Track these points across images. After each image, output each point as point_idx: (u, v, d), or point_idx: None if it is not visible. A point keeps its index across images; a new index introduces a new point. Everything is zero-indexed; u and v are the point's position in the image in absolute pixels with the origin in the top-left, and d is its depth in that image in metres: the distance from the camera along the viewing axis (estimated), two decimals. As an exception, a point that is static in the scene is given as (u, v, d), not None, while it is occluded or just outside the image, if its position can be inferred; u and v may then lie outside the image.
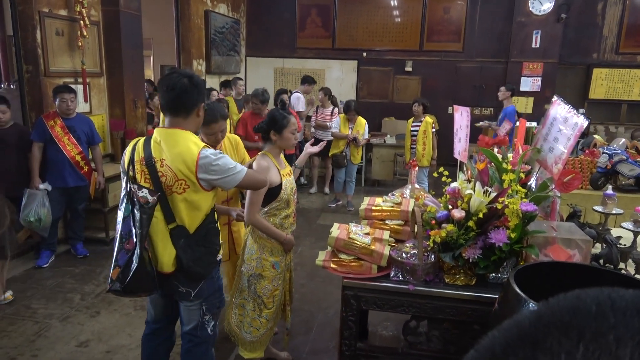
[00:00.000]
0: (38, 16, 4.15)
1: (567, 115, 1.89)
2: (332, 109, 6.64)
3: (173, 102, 2.06)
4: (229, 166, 2.07)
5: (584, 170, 4.06)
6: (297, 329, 3.29)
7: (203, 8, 7.23)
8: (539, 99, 8.03)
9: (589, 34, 8.05)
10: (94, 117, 4.74)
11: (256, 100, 4.95)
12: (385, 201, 2.58)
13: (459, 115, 2.56)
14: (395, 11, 8.49)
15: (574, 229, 2.12)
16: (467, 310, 2.05)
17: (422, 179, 5.65)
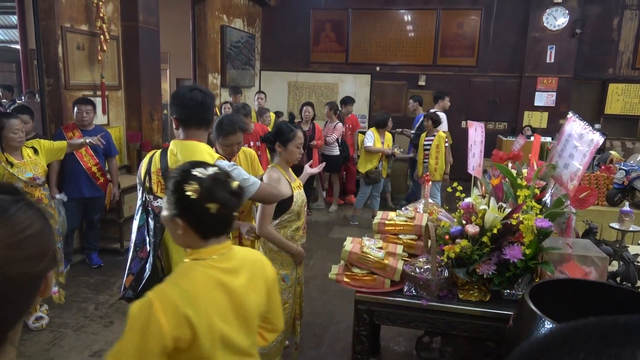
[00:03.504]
0: (60, 31, 4.26)
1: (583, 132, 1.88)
2: (335, 123, 6.54)
3: (198, 116, 2.13)
4: (243, 177, 2.10)
5: (600, 187, 4.01)
6: (308, 343, 3.28)
7: (219, 23, 7.36)
8: (553, 114, 7.99)
9: (605, 49, 8.01)
10: (112, 129, 4.83)
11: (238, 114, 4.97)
12: (398, 215, 2.58)
13: (473, 131, 2.57)
14: (408, 26, 8.55)
15: (589, 246, 2.10)
16: (481, 326, 2.03)
17: (434, 194, 5.63)
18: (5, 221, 0.62)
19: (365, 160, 5.90)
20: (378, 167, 5.89)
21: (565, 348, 0.34)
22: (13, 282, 0.62)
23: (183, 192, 1.23)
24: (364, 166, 5.91)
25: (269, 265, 1.49)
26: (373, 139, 5.83)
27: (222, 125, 2.75)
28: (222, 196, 1.25)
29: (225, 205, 1.25)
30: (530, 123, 7.92)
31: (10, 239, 0.61)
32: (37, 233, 0.65)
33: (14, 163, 3.19)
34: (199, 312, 1.21)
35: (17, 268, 0.62)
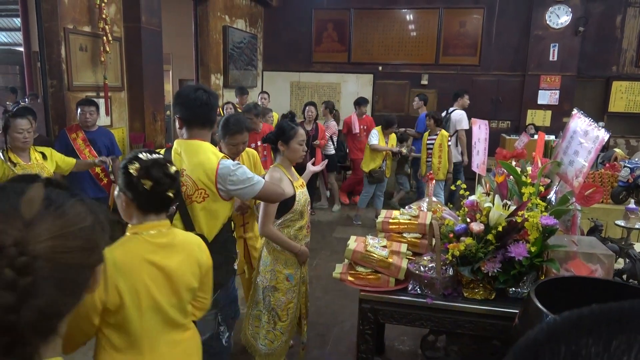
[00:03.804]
0: (63, 32, 4.27)
1: (588, 129, 1.87)
2: (329, 122, 6.52)
3: (203, 116, 2.13)
4: (247, 176, 2.10)
5: (605, 184, 3.99)
6: (312, 343, 3.27)
7: (221, 24, 7.37)
8: (556, 112, 7.96)
9: (608, 47, 7.98)
10: (115, 130, 4.83)
11: (249, 115, 4.98)
12: (402, 214, 2.57)
13: (477, 129, 2.56)
14: (410, 25, 8.53)
15: (595, 243, 2.09)
16: (486, 325, 2.03)
17: (438, 192, 5.62)
18: (61, 213, 0.67)
19: (369, 159, 5.89)
20: (382, 166, 5.88)
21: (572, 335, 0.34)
22: (67, 271, 0.66)
23: (127, 170, 1.46)
24: (368, 165, 5.89)
25: (206, 253, 1.64)
26: (377, 138, 5.82)
27: (229, 124, 2.76)
28: (156, 175, 1.46)
29: (158, 183, 1.46)
30: (533, 121, 7.89)
31: (65, 229, 0.66)
32: (88, 227, 0.70)
33: (18, 163, 3.18)
34: (127, 280, 1.38)
35: (71, 258, 0.66)
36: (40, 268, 0.62)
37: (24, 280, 0.61)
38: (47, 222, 0.64)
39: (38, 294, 0.62)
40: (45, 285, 0.63)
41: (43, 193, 0.67)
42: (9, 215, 0.63)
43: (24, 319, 0.61)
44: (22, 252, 0.61)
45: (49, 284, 0.63)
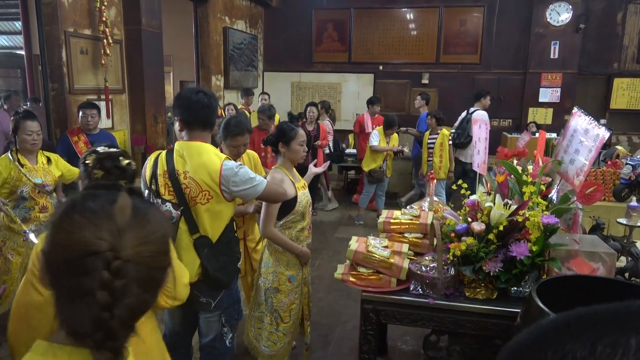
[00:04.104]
0: (64, 36, 4.28)
1: (588, 127, 1.87)
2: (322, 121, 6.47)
3: (204, 118, 2.14)
4: (250, 176, 2.10)
5: (607, 182, 3.98)
6: (315, 343, 3.27)
7: (222, 25, 7.37)
8: (558, 110, 7.94)
9: (609, 44, 7.95)
10: (116, 133, 4.84)
11: (263, 116, 5.01)
12: (403, 214, 2.57)
13: (478, 128, 2.56)
14: (411, 24, 8.53)
15: (597, 242, 2.08)
16: (489, 324, 2.02)
17: (439, 192, 5.61)
18: (147, 221, 0.74)
19: (369, 159, 5.89)
20: (382, 166, 5.87)
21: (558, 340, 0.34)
22: (150, 273, 0.73)
23: (85, 161, 1.67)
24: (368, 165, 5.89)
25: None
26: (378, 138, 5.82)
27: (230, 126, 2.76)
28: (108, 166, 1.63)
29: (109, 174, 1.63)
30: (535, 119, 7.87)
31: (150, 236, 0.73)
32: (167, 232, 0.78)
33: (25, 165, 3.19)
34: None
35: (154, 261, 0.74)
36: (130, 271, 0.69)
37: (118, 282, 0.68)
38: (136, 230, 0.72)
39: (128, 294, 0.70)
40: (134, 285, 0.70)
41: (130, 202, 0.74)
42: (104, 223, 0.70)
43: (116, 316, 0.68)
44: (117, 256, 0.68)
45: (136, 285, 0.71)
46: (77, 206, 0.72)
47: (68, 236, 0.70)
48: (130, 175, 1.69)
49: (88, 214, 0.71)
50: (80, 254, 0.68)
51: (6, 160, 3.14)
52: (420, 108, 6.98)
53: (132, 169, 1.71)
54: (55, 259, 0.71)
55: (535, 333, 0.36)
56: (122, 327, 0.70)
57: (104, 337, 0.68)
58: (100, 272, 0.68)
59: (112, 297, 0.68)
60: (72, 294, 0.70)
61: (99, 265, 0.68)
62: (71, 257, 0.69)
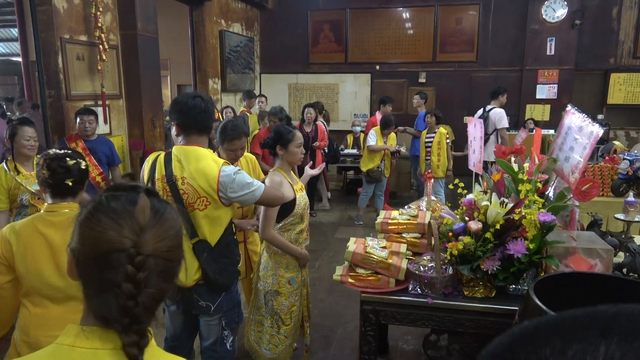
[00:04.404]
0: (60, 42, 4.29)
1: (582, 124, 1.87)
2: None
3: (201, 123, 2.13)
4: (247, 182, 2.10)
5: (605, 177, 3.99)
6: (316, 345, 3.28)
7: (218, 28, 7.38)
8: (555, 106, 7.95)
9: (605, 39, 7.97)
10: (114, 138, 4.85)
11: (274, 118, 4.97)
12: (401, 214, 2.58)
13: (472, 127, 2.56)
14: (407, 23, 8.54)
15: (594, 238, 2.09)
16: (488, 322, 2.03)
17: (438, 190, 5.62)
18: (164, 220, 0.83)
19: (367, 159, 5.90)
20: (380, 166, 5.88)
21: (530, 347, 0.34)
22: (167, 265, 0.82)
23: (38, 161, 1.86)
24: (366, 165, 5.90)
25: None
26: (375, 138, 5.82)
27: (227, 130, 2.76)
28: (53, 166, 1.79)
29: (54, 173, 1.79)
30: (532, 116, 7.88)
31: (167, 233, 0.82)
32: (180, 229, 0.87)
33: (21, 172, 3.19)
34: (18, 242, 1.72)
35: (170, 255, 0.83)
36: (151, 264, 0.79)
37: (141, 274, 0.77)
38: (155, 228, 0.81)
39: (150, 284, 0.79)
40: (154, 277, 0.79)
41: (149, 203, 0.82)
42: (127, 223, 0.79)
43: (140, 304, 0.78)
44: (139, 252, 0.78)
45: (157, 277, 0.80)
46: (102, 207, 0.81)
47: (95, 234, 0.79)
48: (76, 174, 1.84)
49: (112, 214, 0.80)
50: (107, 251, 0.77)
51: (1, 171, 3.12)
52: (419, 107, 6.98)
53: (80, 168, 1.86)
54: (84, 255, 0.80)
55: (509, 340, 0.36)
56: (145, 313, 0.79)
57: (130, 322, 0.78)
58: (125, 266, 0.77)
59: (136, 287, 0.77)
60: (100, 286, 0.79)
61: (124, 260, 0.77)
62: (99, 254, 0.78)
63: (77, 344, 0.79)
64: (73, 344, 0.80)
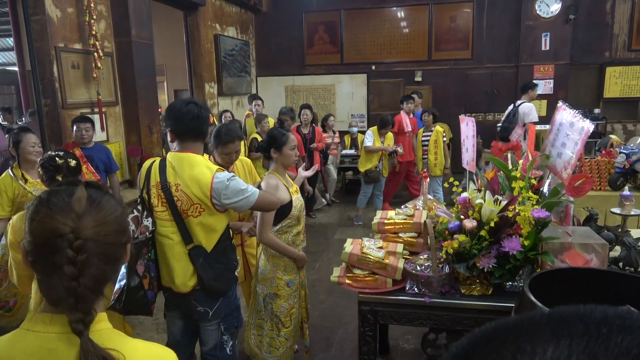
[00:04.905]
0: (54, 51, 4.30)
1: (573, 120, 1.88)
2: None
3: (195, 129, 2.13)
4: (241, 188, 2.10)
5: (602, 171, 3.99)
6: (317, 346, 3.28)
7: (212, 32, 7.39)
8: (552, 102, 7.95)
9: (600, 33, 7.98)
10: (111, 145, 4.86)
11: (286, 117, 4.91)
12: (397, 214, 2.58)
13: (465, 126, 2.57)
14: (401, 23, 8.55)
15: (589, 233, 2.09)
16: (486, 320, 2.02)
17: (436, 189, 5.63)
18: (101, 207, 0.91)
19: (364, 159, 5.90)
20: (378, 166, 5.88)
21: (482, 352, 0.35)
22: (108, 248, 0.91)
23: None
24: (364, 165, 5.90)
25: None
26: (372, 139, 5.82)
27: (221, 134, 2.77)
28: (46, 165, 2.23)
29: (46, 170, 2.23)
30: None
31: (104, 218, 0.91)
32: (120, 215, 0.95)
33: (28, 180, 3.19)
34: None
35: (110, 238, 0.91)
36: (90, 248, 0.87)
37: (80, 257, 0.85)
38: (92, 214, 0.89)
39: (91, 266, 0.87)
40: (95, 259, 0.88)
41: (86, 193, 0.91)
42: (65, 211, 0.87)
43: (82, 284, 0.86)
44: (77, 237, 0.86)
45: (97, 259, 0.88)
46: (44, 201, 0.90)
47: (38, 225, 0.87)
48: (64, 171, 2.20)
49: (52, 206, 0.88)
50: (49, 237, 0.86)
51: (8, 178, 3.14)
52: (416, 107, 6.97)
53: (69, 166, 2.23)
54: (32, 244, 0.88)
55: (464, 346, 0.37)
56: (88, 293, 0.87)
57: (75, 301, 0.86)
58: (66, 250, 0.85)
59: (76, 269, 0.85)
60: (46, 270, 0.88)
61: (65, 245, 0.85)
62: (42, 241, 0.87)
63: (30, 327, 0.89)
64: (28, 327, 0.89)
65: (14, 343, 0.89)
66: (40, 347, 0.87)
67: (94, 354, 0.85)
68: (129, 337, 0.97)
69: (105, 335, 0.92)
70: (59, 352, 0.87)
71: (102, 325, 0.93)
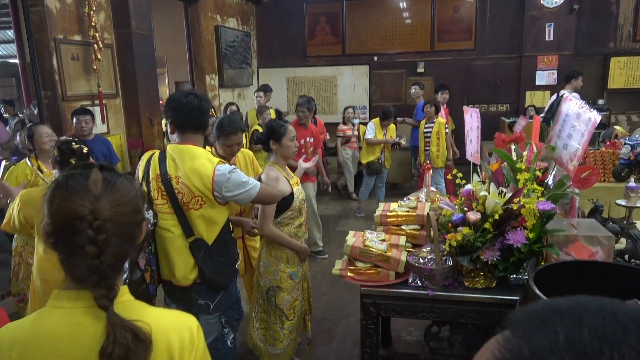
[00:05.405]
0: (54, 43, 4.26)
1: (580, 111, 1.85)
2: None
3: (195, 120, 2.11)
4: (243, 181, 2.08)
5: (606, 163, 3.96)
6: (319, 339, 3.28)
7: (213, 24, 7.33)
8: (555, 93, 7.89)
9: (604, 23, 7.89)
10: (112, 138, 4.84)
11: (302, 108, 4.81)
12: (400, 206, 2.56)
13: (469, 117, 2.54)
14: (404, 13, 8.47)
15: (595, 226, 2.07)
16: (489, 313, 2.02)
17: (438, 181, 5.60)
18: (116, 189, 0.95)
19: (366, 151, 5.87)
20: (380, 158, 5.85)
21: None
22: (125, 228, 0.95)
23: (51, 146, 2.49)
24: (366, 157, 5.88)
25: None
26: (374, 130, 5.79)
27: (223, 126, 2.74)
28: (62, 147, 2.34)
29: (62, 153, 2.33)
30: (532, 103, 7.83)
31: (120, 199, 0.94)
32: (135, 196, 0.99)
33: (43, 170, 3.24)
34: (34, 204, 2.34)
35: (127, 218, 0.95)
36: (109, 227, 0.91)
37: (100, 236, 0.90)
38: (108, 196, 0.93)
39: (111, 245, 0.91)
40: (114, 238, 0.92)
41: (101, 176, 0.94)
42: (83, 194, 0.91)
43: (104, 262, 0.90)
44: (96, 217, 0.90)
45: (116, 238, 0.92)
46: (61, 184, 0.93)
47: (57, 208, 0.91)
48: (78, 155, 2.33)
49: (69, 189, 0.92)
50: (69, 219, 0.90)
51: (24, 165, 3.25)
52: (417, 98, 6.93)
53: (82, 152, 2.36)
54: (52, 226, 0.92)
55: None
56: (110, 270, 0.92)
57: (98, 279, 0.90)
58: (86, 231, 0.89)
59: (97, 248, 0.89)
60: (69, 251, 0.92)
61: (85, 226, 0.89)
62: (62, 223, 0.90)
63: (57, 304, 0.94)
64: (55, 305, 0.94)
65: (41, 320, 0.94)
66: (68, 321, 0.92)
67: (121, 327, 0.88)
68: (151, 306, 1.01)
69: (128, 306, 0.96)
70: (86, 325, 0.91)
71: (125, 298, 0.97)
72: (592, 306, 0.40)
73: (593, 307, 0.40)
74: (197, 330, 1.02)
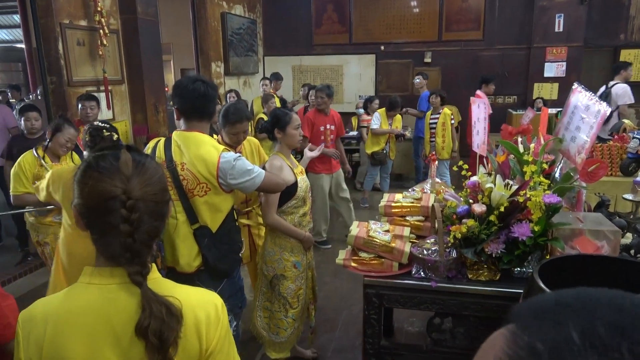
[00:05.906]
0: (59, 28, 4.25)
1: (589, 103, 1.82)
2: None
3: (201, 107, 2.10)
4: (248, 168, 2.08)
5: (614, 157, 3.92)
6: (322, 327, 3.29)
7: (219, 10, 7.28)
8: (564, 85, 7.80)
9: (615, 15, 7.76)
10: (117, 124, 4.84)
11: (322, 94, 4.72)
12: (405, 197, 2.55)
13: (477, 108, 2.51)
14: (411, 2, 8.37)
15: (601, 220, 2.05)
16: (492, 306, 2.01)
17: (443, 172, 5.57)
18: (145, 169, 0.97)
19: (371, 142, 5.85)
20: (385, 148, 5.83)
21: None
22: (155, 206, 0.97)
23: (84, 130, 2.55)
24: (370, 148, 5.86)
25: None
26: (379, 121, 5.76)
27: (229, 114, 2.74)
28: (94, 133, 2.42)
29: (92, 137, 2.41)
30: (540, 95, 7.75)
31: (150, 179, 0.97)
32: (162, 175, 1.02)
33: (48, 163, 3.23)
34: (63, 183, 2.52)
35: (156, 197, 0.97)
36: (141, 207, 0.93)
37: (134, 215, 0.92)
38: (139, 176, 0.95)
39: (143, 223, 0.94)
40: (145, 217, 0.94)
41: (130, 156, 0.96)
42: (114, 174, 0.93)
43: (137, 240, 0.93)
44: (129, 197, 0.92)
45: (147, 216, 0.95)
46: (92, 165, 0.95)
47: (90, 189, 0.92)
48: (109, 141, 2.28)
49: (101, 170, 0.93)
50: (102, 199, 0.92)
51: (31, 157, 3.22)
52: (421, 88, 6.88)
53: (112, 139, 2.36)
54: (85, 207, 0.94)
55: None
56: (143, 247, 0.95)
57: (132, 256, 0.93)
58: (120, 210, 0.91)
59: (131, 227, 0.92)
60: (103, 230, 0.94)
61: (118, 205, 0.91)
62: (96, 203, 0.92)
63: (91, 281, 0.96)
64: (89, 281, 0.96)
65: (74, 296, 0.96)
66: (103, 297, 0.94)
67: (155, 301, 0.91)
68: (178, 283, 1.04)
69: (158, 283, 0.99)
70: (120, 300, 0.94)
71: (155, 275, 1.00)
72: (604, 298, 0.39)
73: (605, 299, 0.39)
74: (221, 307, 1.05)
